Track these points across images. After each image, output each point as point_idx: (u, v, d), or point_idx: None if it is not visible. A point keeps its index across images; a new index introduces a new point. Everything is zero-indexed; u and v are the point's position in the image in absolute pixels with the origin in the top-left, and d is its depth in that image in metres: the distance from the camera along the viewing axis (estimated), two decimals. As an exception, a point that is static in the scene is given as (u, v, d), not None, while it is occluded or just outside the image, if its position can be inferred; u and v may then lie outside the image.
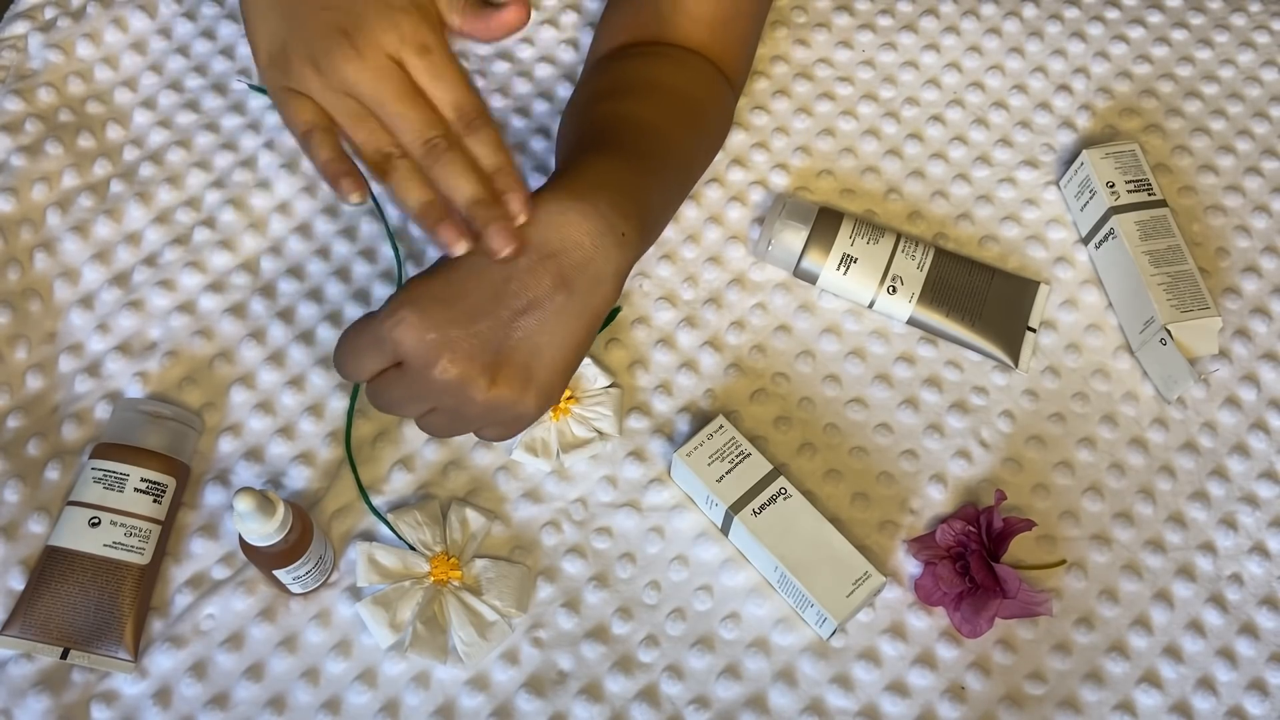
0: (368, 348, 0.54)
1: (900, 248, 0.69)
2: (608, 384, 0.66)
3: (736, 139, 0.75)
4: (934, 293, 0.69)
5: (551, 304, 0.54)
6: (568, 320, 0.55)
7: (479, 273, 0.54)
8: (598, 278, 0.55)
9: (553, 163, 0.74)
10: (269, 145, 0.73)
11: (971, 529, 0.62)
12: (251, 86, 0.75)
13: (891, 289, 0.69)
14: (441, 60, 0.57)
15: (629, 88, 0.65)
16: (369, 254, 0.71)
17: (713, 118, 0.68)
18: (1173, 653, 0.62)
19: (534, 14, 0.79)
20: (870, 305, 0.70)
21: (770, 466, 0.62)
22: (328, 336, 0.68)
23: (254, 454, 0.65)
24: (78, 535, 0.59)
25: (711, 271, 0.71)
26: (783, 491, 0.62)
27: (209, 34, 0.77)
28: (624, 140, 0.61)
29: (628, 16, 0.69)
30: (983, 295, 0.69)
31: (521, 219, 0.54)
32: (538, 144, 0.74)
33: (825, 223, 0.70)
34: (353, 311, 0.69)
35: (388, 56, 0.56)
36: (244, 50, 0.76)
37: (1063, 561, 0.64)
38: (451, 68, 0.57)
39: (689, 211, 0.73)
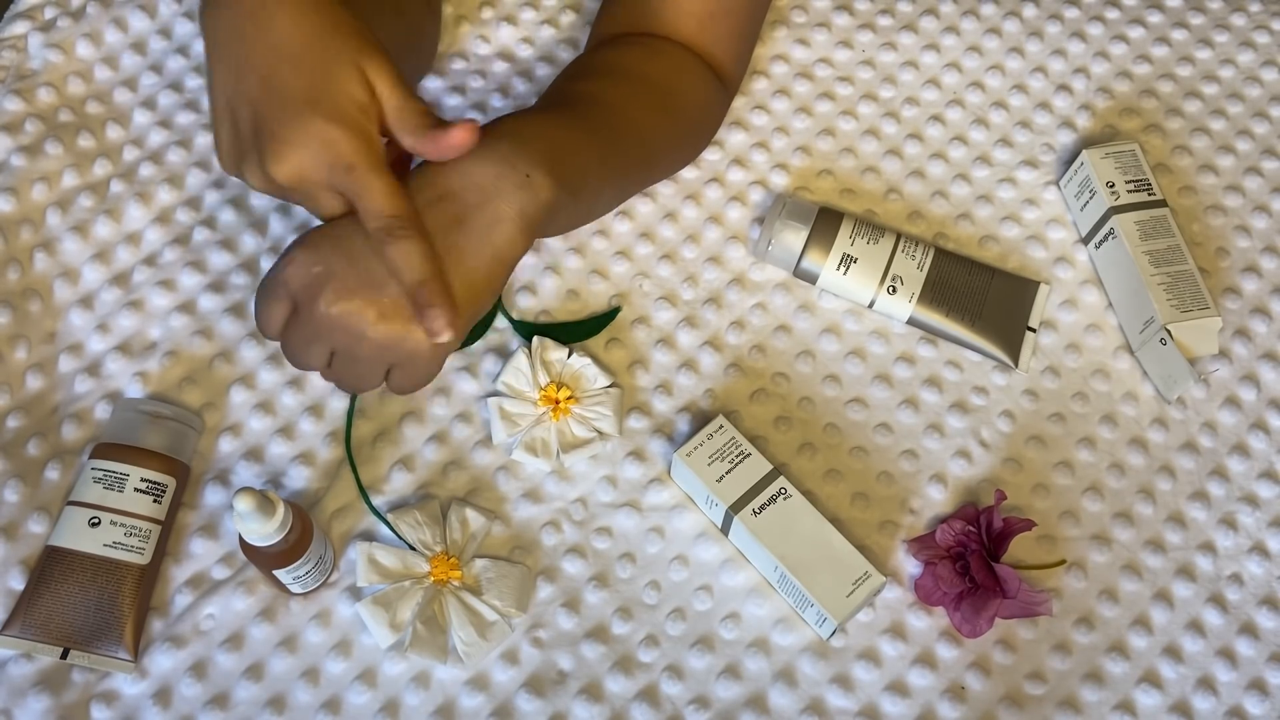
0: (268, 294, 0.54)
1: (900, 248, 0.69)
2: (608, 384, 0.66)
3: (736, 139, 0.75)
4: (934, 293, 0.69)
5: (444, 241, 0.54)
6: (462, 258, 0.54)
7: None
8: (495, 217, 0.55)
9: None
10: (269, 145, 0.73)
11: (971, 529, 0.62)
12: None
13: (891, 289, 0.69)
14: (364, 177, 0.52)
15: (592, 71, 0.66)
16: (369, 254, 0.71)
17: (685, 106, 0.68)
18: (1173, 653, 0.62)
19: (534, 14, 0.79)
20: (870, 305, 0.70)
21: (770, 466, 0.62)
22: (328, 336, 0.68)
23: (254, 454, 0.65)
24: (78, 535, 0.59)
25: (711, 271, 0.71)
26: (783, 491, 0.62)
27: (209, 34, 0.77)
28: (560, 105, 0.62)
29: (619, 11, 0.70)
30: (983, 295, 0.69)
31: (445, 337, 0.52)
32: (538, 144, 0.74)
33: (825, 223, 0.70)
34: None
35: (310, 168, 0.53)
36: (244, 50, 0.76)
37: (1063, 561, 0.64)
38: (373, 184, 0.53)
39: (689, 211, 0.73)
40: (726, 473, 0.62)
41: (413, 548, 0.62)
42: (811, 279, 0.70)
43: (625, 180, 0.65)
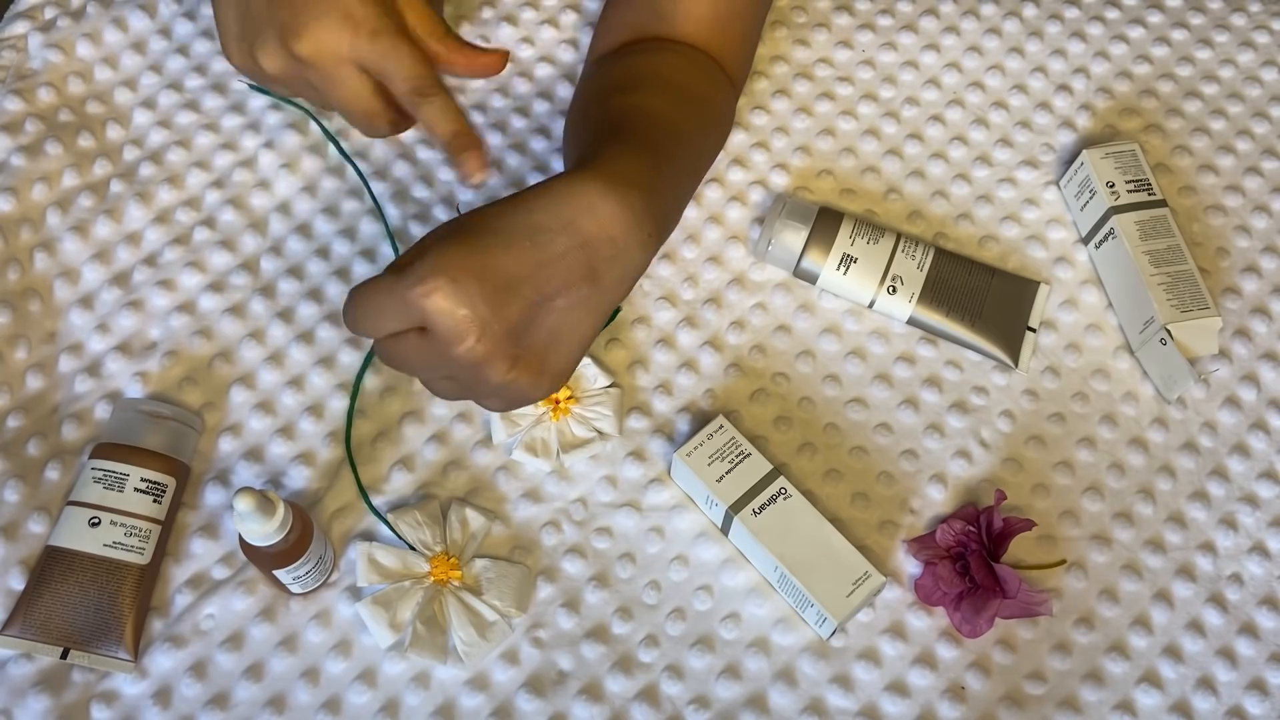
0: (391, 310, 0.52)
1: (900, 248, 0.69)
2: (608, 384, 0.66)
3: (736, 139, 0.75)
4: (934, 293, 0.69)
5: (578, 293, 0.53)
6: (588, 312, 0.54)
7: (509, 245, 0.52)
8: (622, 275, 0.55)
9: (553, 163, 0.74)
10: (269, 145, 0.73)
11: (971, 529, 0.62)
12: (252, 86, 0.75)
13: (891, 289, 0.69)
14: (390, 40, 0.56)
15: (639, 81, 0.65)
16: (369, 254, 0.71)
17: (718, 113, 0.68)
18: (1173, 653, 0.62)
19: (534, 14, 0.79)
20: (870, 305, 0.70)
21: (770, 466, 0.62)
22: (327, 337, 0.68)
23: (254, 454, 0.65)
24: (78, 535, 0.59)
25: (711, 271, 0.71)
26: (783, 491, 0.62)
27: (209, 34, 0.77)
28: (643, 133, 0.60)
29: (628, 15, 0.69)
30: (983, 295, 0.69)
31: (478, 178, 0.57)
32: (538, 144, 0.74)
33: (825, 223, 0.70)
34: (353, 311, 0.69)
35: (333, 40, 0.56)
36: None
37: (1063, 561, 0.64)
38: (400, 46, 0.57)
39: (689, 211, 0.73)
40: (726, 473, 0.62)
41: (413, 548, 0.62)
42: (811, 279, 0.70)
43: (684, 208, 0.65)
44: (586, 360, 0.66)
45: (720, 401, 0.67)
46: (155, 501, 0.61)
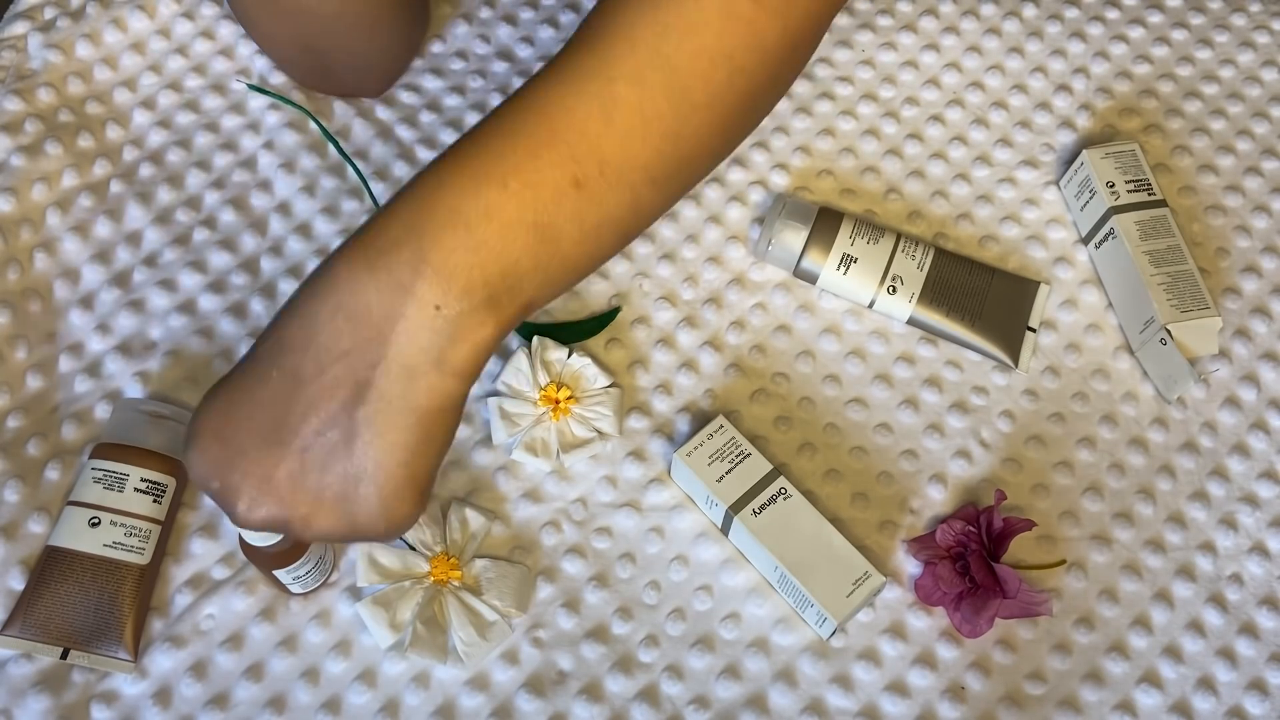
0: (194, 478, 0.48)
1: (900, 248, 0.69)
2: (608, 384, 0.66)
3: (736, 139, 0.75)
4: (934, 293, 0.69)
5: (351, 421, 0.43)
6: (387, 431, 0.44)
7: (266, 387, 0.44)
8: (409, 372, 0.43)
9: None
10: (269, 145, 0.73)
11: (971, 529, 0.62)
12: (251, 86, 0.75)
13: (891, 289, 0.69)
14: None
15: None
16: (369, 254, 0.71)
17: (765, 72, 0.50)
18: (1173, 653, 0.62)
19: (534, 13, 0.79)
20: (870, 305, 0.70)
21: (770, 466, 0.62)
22: (328, 336, 0.68)
23: (254, 454, 0.65)
24: (78, 535, 0.59)
25: (711, 271, 0.71)
26: (783, 491, 0.62)
27: (208, 34, 0.77)
28: (545, 108, 0.46)
29: None
30: (983, 295, 0.69)
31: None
32: (538, 144, 0.74)
33: (825, 223, 0.70)
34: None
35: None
36: (244, 50, 0.76)
37: (1063, 561, 0.64)
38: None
39: (689, 211, 0.73)
40: (726, 473, 0.62)
41: (413, 548, 0.62)
42: (811, 279, 0.70)
43: (618, 236, 0.52)
44: (586, 360, 0.66)
45: (720, 401, 0.67)
46: (155, 501, 0.61)
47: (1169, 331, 0.66)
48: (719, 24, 0.46)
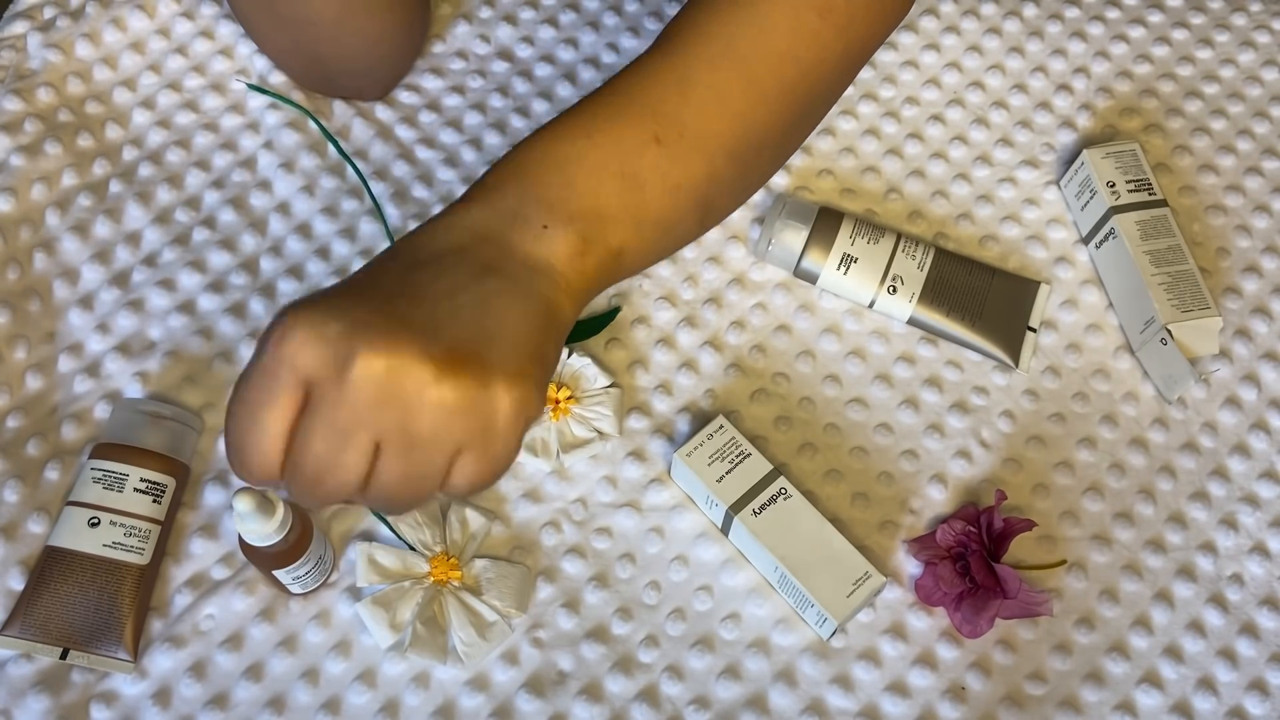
0: (260, 395, 0.40)
1: (900, 247, 0.69)
2: (608, 384, 0.66)
3: (736, 139, 0.75)
4: (934, 292, 0.69)
5: (481, 287, 0.43)
6: (514, 301, 0.43)
7: (385, 274, 0.43)
8: (529, 267, 0.45)
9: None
10: (268, 145, 0.73)
11: (972, 529, 0.62)
12: (251, 86, 0.75)
13: (892, 289, 0.69)
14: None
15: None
16: (369, 254, 0.71)
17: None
18: (1173, 653, 0.62)
19: (534, 13, 0.79)
20: (870, 305, 0.69)
21: (770, 466, 0.62)
22: (327, 336, 0.68)
23: (254, 454, 0.65)
24: (77, 535, 0.59)
25: (711, 271, 0.71)
26: (783, 491, 0.62)
27: (208, 34, 0.77)
28: (625, 84, 0.51)
29: None
30: (983, 295, 0.69)
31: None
32: (538, 144, 0.74)
33: (825, 222, 0.70)
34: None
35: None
36: (244, 49, 0.76)
37: (1063, 561, 0.64)
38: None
39: (689, 211, 0.73)
40: (726, 473, 0.62)
41: (412, 548, 0.62)
42: (811, 279, 0.70)
43: (716, 189, 0.55)
44: (586, 360, 0.66)
45: (720, 401, 0.67)
46: (155, 501, 0.61)
47: (1169, 331, 0.66)
48: (788, 30, 0.52)
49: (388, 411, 0.39)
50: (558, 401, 0.65)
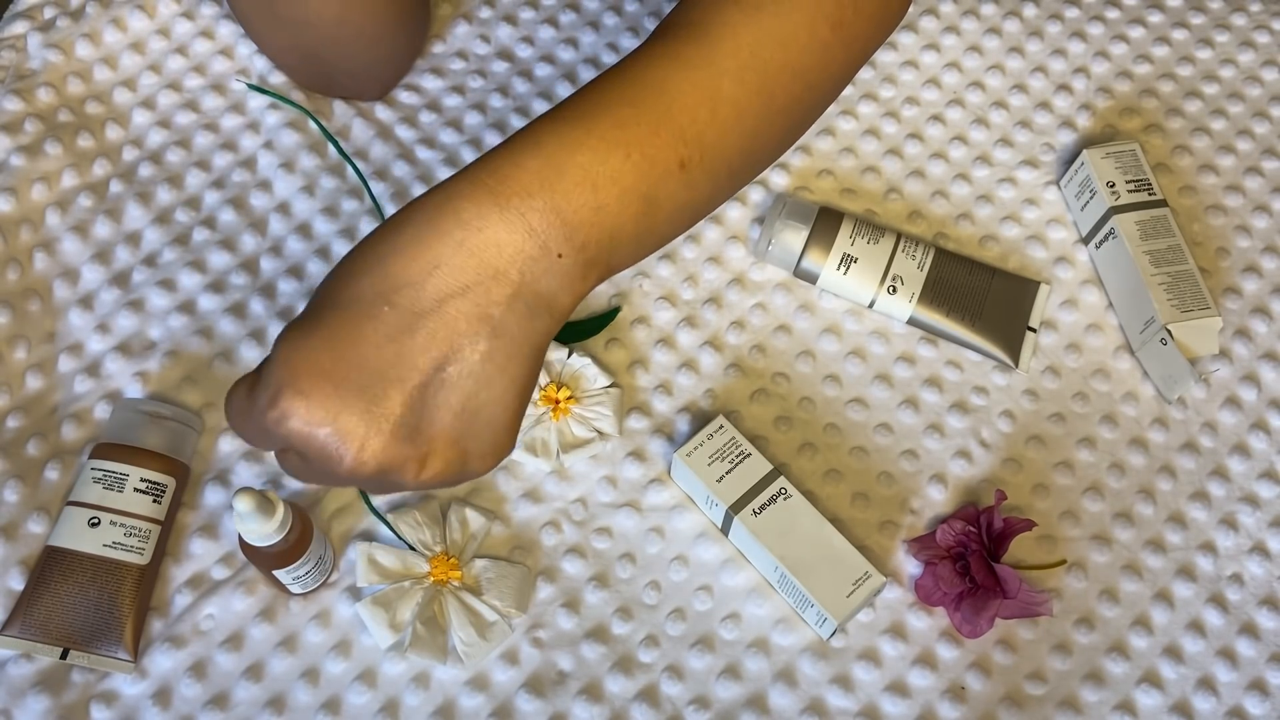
0: (254, 435, 0.44)
1: (900, 247, 0.69)
2: (608, 384, 0.66)
3: (736, 139, 0.75)
4: (934, 293, 0.69)
5: (475, 351, 0.43)
6: (501, 368, 0.43)
7: (365, 319, 0.42)
8: (531, 310, 0.44)
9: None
10: (268, 145, 0.73)
11: (972, 529, 0.62)
12: (251, 86, 0.75)
13: (892, 289, 0.69)
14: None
15: None
16: (369, 254, 0.71)
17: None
18: (1173, 653, 0.62)
19: (534, 13, 0.79)
20: (870, 305, 0.69)
21: (770, 466, 0.62)
22: (327, 336, 0.68)
23: (254, 454, 0.65)
24: (77, 535, 0.59)
25: (711, 271, 0.71)
26: (783, 491, 0.62)
27: (208, 34, 0.77)
28: (663, 88, 0.47)
29: None
30: (983, 295, 0.69)
31: None
32: (538, 144, 0.74)
33: (825, 222, 0.70)
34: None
35: None
36: (244, 50, 0.76)
37: (1063, 561, 0.64)
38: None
39: (689, 211, 0.73)
40: (726, 473, 0.62)
41: (412, 548, 0.62)
42: (811, 279, 0.70)
43: (714, 195, 0.54)
44: (586, 360, 0.66)
45: (720, 401, 0.67)
46: (155, 501, 0.61)
47: (1169, 331, 0.66)
48: (804, 45, 0.51)
49: (373, 485, 0.44)
50: (558, 401, 0.65)
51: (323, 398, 0.41)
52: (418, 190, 0.72)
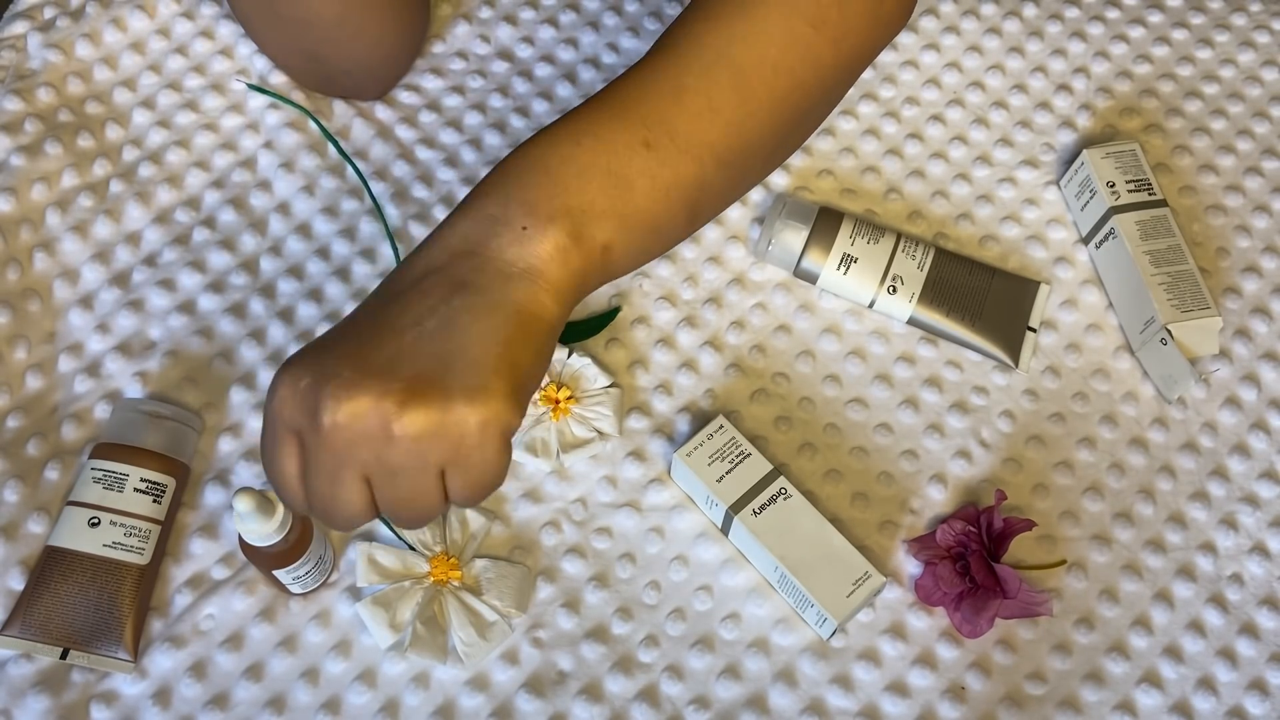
0: (269, 441, 0.45)
1: (900, 247, 0.69)
2: (608, 384, 0.66)
3: (736, 139, 0.75)
4: (934, 292, 0.69)
5: (448, 307, 0.45)
6: (477, 315, 0.45)
7: (360, 312, 0.47)
8: (504, 274, 0.46)
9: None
10: (268, 145, 0.73)
11: (972, 529, 0.62)
12: (251, 86, 0.75)
13: (892, 289, 0.69)
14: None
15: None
16: (369, 254, 0.71)
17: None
18: (1173, 653, 0.62)
19: (534, 13, 0.79)
20: (870, 305, 0.69)
21: (770, 466, 0.62)
22: (327, 336, 0.68)
23: (254, 454, 0.65)
24: (77, 535, 0.59)
25: (711, 271, 0.71)
26: (783, 491, 0.62)
27: (208, 34, 0.77)
28: (620, 92, 0.52)
29: None
30: (983, 295, 0.69)
31: None
32: (538, 144, 0.74)
33: (825, 222, 0.70)
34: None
35: None
36: (244, 50, 0.76)
37: (1063, 561, 0.64)
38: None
39: (689, 211, 0.73)
40: (726, 473, 0.62)
41: (412, 548, 0.62)
42: (811, 279, 0.70)
43: (707, 195, 0.56)
44: (586, 360, 0.66)
45: (720, 401, 0.67)
46: (155, 501, 0.61)
47: (1169, 331, 0.66)
48: (781, 40, 0.53)
49: (362, 450, 0.44)
50: (558, 401, 0.65)
51: (306, 361, 0.45)
52: (418, 190, 0.72)
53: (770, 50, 0.53)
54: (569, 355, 0.67)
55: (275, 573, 0.58)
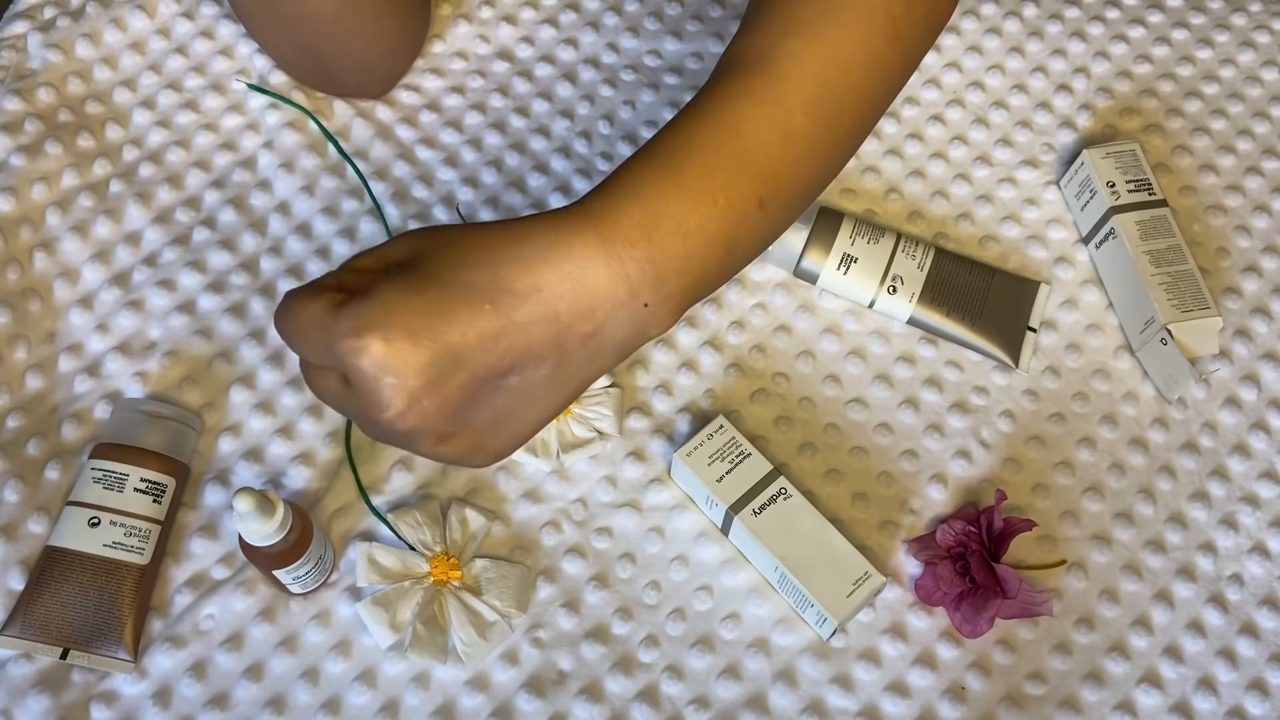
0: (315, 344, 0.45)
1: (900, 247, 0.69)
2: (608, 384, 0.66)
3: (736, 139, 0.75)
4: (934, 292, 0.69)
5: (537, 373, 0.46)
6: (548, 393, 0.47)
7: (465, 306, 0.44)
8: (597, 351, 0.47)
9: (554, 163, 0.74)
10: (268, 145, 0.73)
11: (972, 529, 0.62)
12: (251, 86, 0.75)
13: (892, 289, 0.69)
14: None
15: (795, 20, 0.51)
16: (369, 254, 0.71)
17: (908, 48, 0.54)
18: (1173, 653, 0.62)
19: (534, 13, 0.79)
20: (870, 305, 0.69)
21: (770, 466, 0.62)
22: (327, 336, 0.68)
23: (254, 454, 0.65)
24: (77, 535, 0.59)
25: (711, 271, 0.71)
26: (783, 491, 0.62)
27: (208, 34, 0.77)
28: (740, 126, 0.49)
29: None
30: (983, 295, 0.69)
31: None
32: (537, 144, 0.74)
33: (825, 222, 0.70)
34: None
35: None
36: (244, 49, 0.76)
37: (1063, 561, 0.64)
38: None
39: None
40: (726, 473, 0.62)
41: (412, 548, 0.62)
42: (812, 279, 0.70)
43: (759, 244, 0.54)
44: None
45: (720, 401, 0.67)
46: (155, 501, 0.61)
47: (1170, 331, 0.66)
48: (865, 65, 0.51)
49: (385, 433, 0.46)
50: (558, 401, 0.65)
51: (401, 352, 0.43)
52: (418, 190, 0.72)
53: (857, 77, 0.51)
54: (569, 355, 0.67)
55: (275, 573, 0.58)
